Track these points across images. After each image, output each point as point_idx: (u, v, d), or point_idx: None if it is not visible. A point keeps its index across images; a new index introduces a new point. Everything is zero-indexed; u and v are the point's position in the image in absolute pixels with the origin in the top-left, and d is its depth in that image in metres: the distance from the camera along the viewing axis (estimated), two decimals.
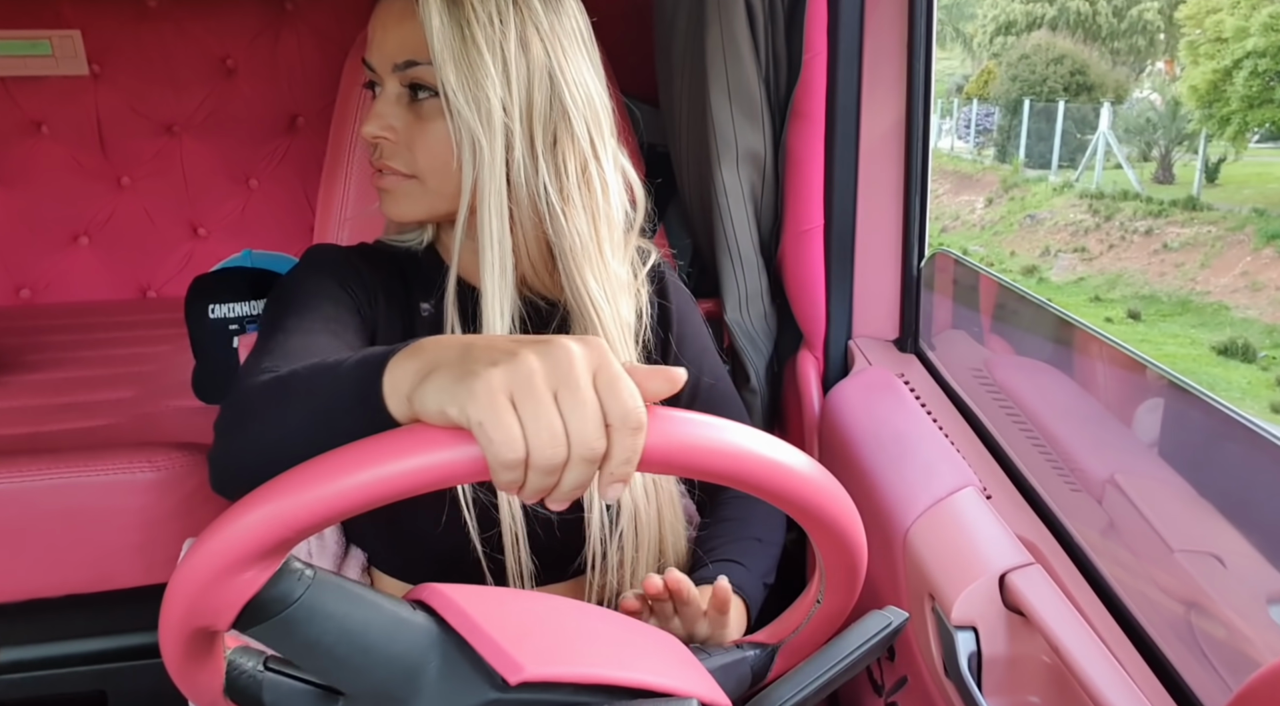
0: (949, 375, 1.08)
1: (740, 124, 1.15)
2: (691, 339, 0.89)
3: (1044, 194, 14.27)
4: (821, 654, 0.54)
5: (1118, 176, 13.79)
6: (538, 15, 0.70)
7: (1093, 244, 12.46)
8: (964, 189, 16.32)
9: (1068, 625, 0.67)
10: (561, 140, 0.71)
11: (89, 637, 1.25)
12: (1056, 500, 0.82)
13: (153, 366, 1.62)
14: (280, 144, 1.92)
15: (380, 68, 0.72)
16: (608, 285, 0.74)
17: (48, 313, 1.88)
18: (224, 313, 1.47)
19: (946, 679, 0.71)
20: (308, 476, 0.39)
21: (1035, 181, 14.92)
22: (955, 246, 13.70)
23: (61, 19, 1.77)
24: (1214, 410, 0.68)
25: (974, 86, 20.45)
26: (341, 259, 0.78)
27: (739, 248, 1.18)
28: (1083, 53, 17.93)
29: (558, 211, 0.71)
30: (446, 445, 0.39)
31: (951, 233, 15.30)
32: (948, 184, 16.92)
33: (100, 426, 1.39)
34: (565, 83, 0.71)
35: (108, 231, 1.93)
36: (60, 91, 1.81)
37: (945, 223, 15.81)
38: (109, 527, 1.20)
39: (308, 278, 0.75)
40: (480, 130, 0.68)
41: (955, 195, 16.36)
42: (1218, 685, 0.60)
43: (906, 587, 0.80)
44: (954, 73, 25.74)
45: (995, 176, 15.91)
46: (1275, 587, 0.61)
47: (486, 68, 0.67)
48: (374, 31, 0.73)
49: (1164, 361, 1.02)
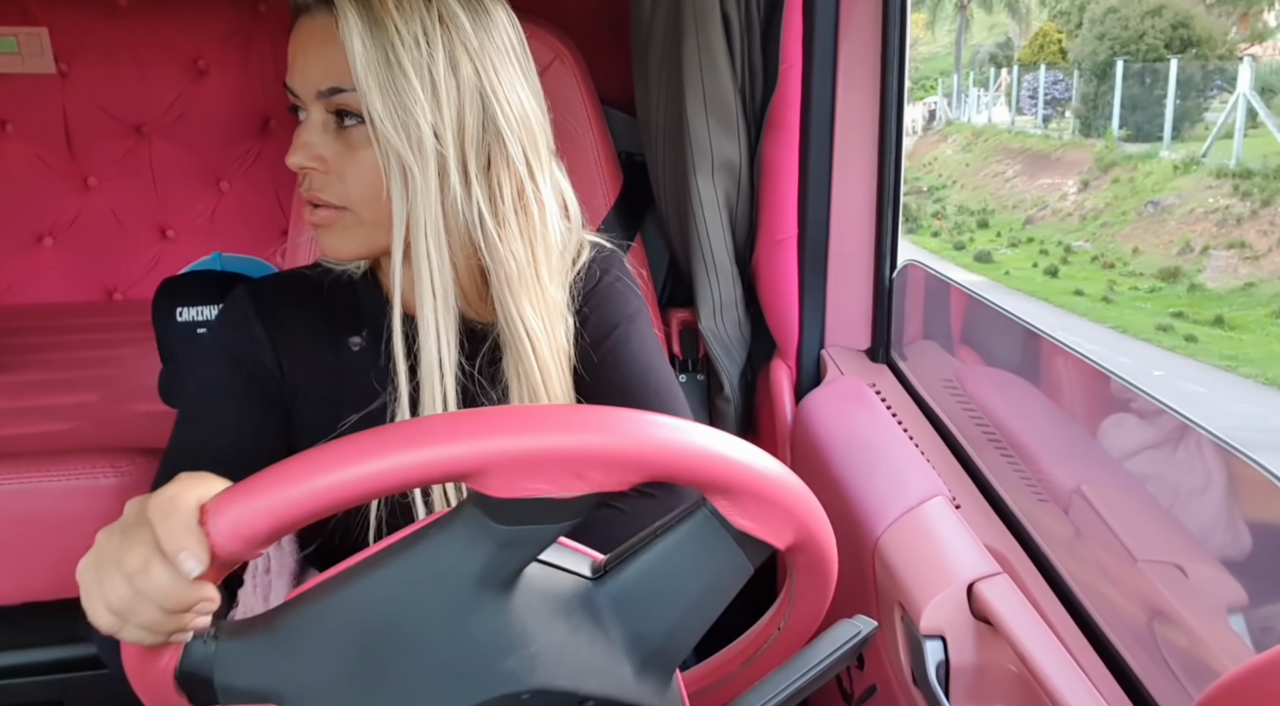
0: (920, 385, 1.09)
1: (716, 134, 1.15)
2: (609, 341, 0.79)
3: (1162, 173, 11.36)
4: (791, 662, 0.54)
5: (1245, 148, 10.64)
6: (466, 33, 0.66)
7: (1253, 236, 9.54)
8: (1042, 170, 13.57)
9: (1034, 634, 0.68)
10: (496, 163, 0.68)
11: (48, 646, 1.22)
12: (1023, 510, 0.83)
13: (118, 369, 1.60)
14: (252, 146, 1.90)
15: (303, 93, 0.68)
16: (544, 311, 0.71)
17: (10, 314, 1.84)
18: (192, 315, 1.45)
19: (915, 687, 0.71)
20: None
21: (1142, 158, 11.99)
22: (1049, 242, 11.68)
23: (29, 16, 1.74)
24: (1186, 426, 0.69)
25: (1028, 51, 18.40)
26: (242, 328, 0.76)
27: (714, 256, 1.19)
28: (1183, 2, 14.33)
29: (494, 238, 0.68)
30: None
31: (1040, 225, 12.48)
32: (1017, 165, 14.35)
33: (63, 430, 1.36)
34: (498, 102, 0.67)
35: (73, 232, 1.89)
36: (26, 90, 1.78)
37: (1029, 212, 13.09)
38: (70, 534, 1.18)
39: (204, 367, 0.76)
40: (411, 158, 0.65)
41: (1031, 178, 13.67)
42: (1177, 690, 0.61)
43: (876, 596, 0.80)
44: (983, 42, 23.91)
45: (1081, 154, 13.04)
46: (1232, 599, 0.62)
47: (414, 93, 0.64)
48: (294, 55, 0.68)
49: None
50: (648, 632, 0.49)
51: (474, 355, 0.74)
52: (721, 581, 0.50)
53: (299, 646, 0.45)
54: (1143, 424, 0.77)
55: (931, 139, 20.72)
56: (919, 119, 23.38)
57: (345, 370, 0.76)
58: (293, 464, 0.41)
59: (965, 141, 18.15)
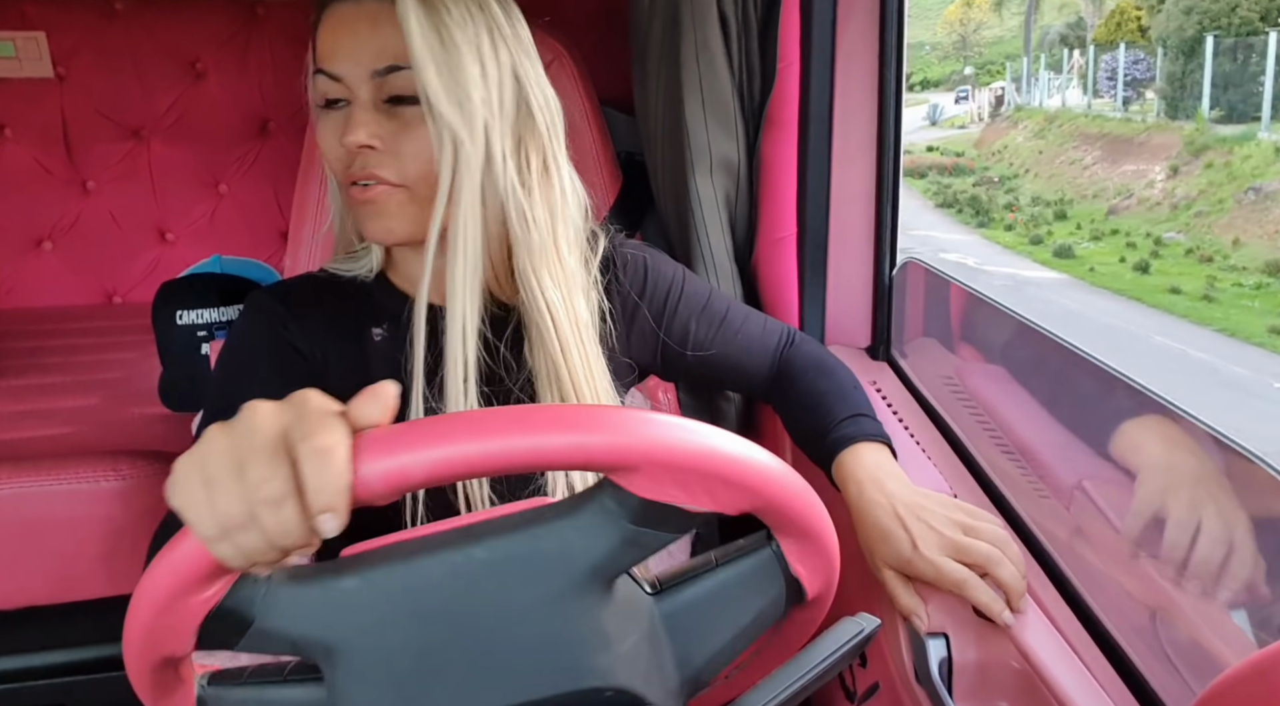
0: (920, 383, 1.09)
1: (714, 132, 1.15)
2: (671, 303, 0.88)
3: (1262, 156, 10.39)
4: (794, 661, 0.54)
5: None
6: (499, 19, 0.71)
7: None
8: (1124, 156, 12.57)
9: (1037, 631, 0.68)
10: (524, 139, 0.73)
11: (50, 650, 1.22)
12: (1025, 506, 0.83)
13: (119, 373, 1.60)
14: (251, 148, 1.90)
15: (352, 75, 0.69)
16: (563, 282, 0.74)
17: (10, 318, 1.84)
18: (192, 319, 1.45)
19: (918, 685, 0.71)
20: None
21: (1238, 140, 11.03)
22: (1137, 234, 10.64)
23: (26, 20, 1.74)
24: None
25: (1103, 30, 17.41)
26: (274, 312, 0.78)
27: (713, 255, 1.19)
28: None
29: (523, 207, 0.72)
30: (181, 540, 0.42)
31: (1125, 215, 11.45)
32: (1096, 150, 13.36)
33: (64, 434, 1.36)
34: (528, 83, 0.72)
35: (73, 236, 1.89)
36: (24, 94, 1.78)
37: (1112, 201, 12.06)
38: (72, 537, 1.18)
39: (244, 343, 0.77)
40: (464, 133, 0.67)
41: (1113, 165, 12.72)
42: (1178, 684, 0.61)
43: (879, 594, 0.80)
44: (1053, 23, 22.97)
45: (1168, 137, 12.07)
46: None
47: (467, 68, 0.67)
48: (336, 40, 0.69)
49: None
50: (692, 655, 0.50)
51: (499, 335, 0.77)
52: (762, 619, 0.52)
53: (362, 603, 0.44)
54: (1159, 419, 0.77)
55: (1000, 126, 19.77)
56: (985, 105, 22.46)
57: (371, 358, 0.78)
58: (455, 423, 0.41)
59: (1037, 127, 17.08)
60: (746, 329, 0.92)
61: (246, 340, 0.78)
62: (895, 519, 0.72)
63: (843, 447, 0.79)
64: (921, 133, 26.74)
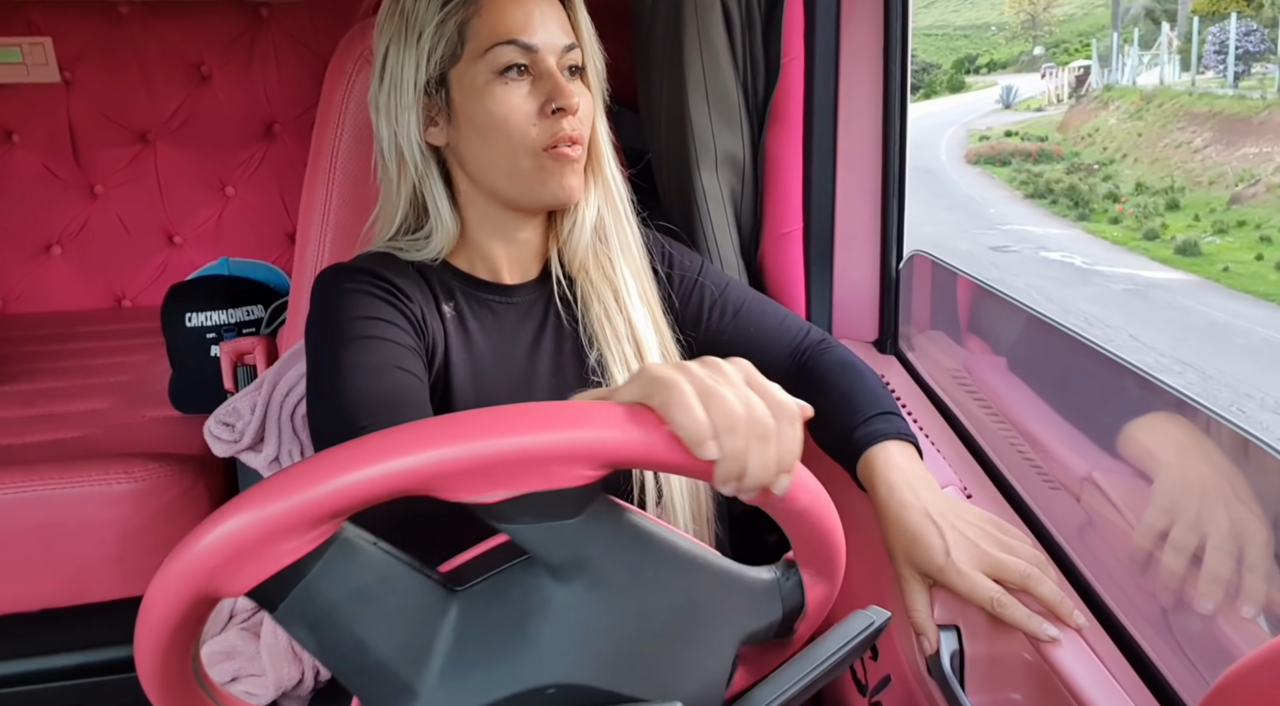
0: (928, 376, 1.09)
1: (719, 128, 1.15)
2: (687, 287, 0.94)
3: None
4: (805, 654, 0.54)
5: None
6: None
7: None
8: (1241, 137, 11.15)
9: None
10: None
11: (65, 652, 1.23)
12: (1035, 498, 0.83)
13: (129, 376, 1.61)
14: (257, 151, 1.91)
15: (546, 47, 0.78)
16: (630, 262, 0.87)
17: (20, 322, 1.86)
18: (201, 321, 1.45)
19: (929, 677, 0.71)
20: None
21: None
22: (1269, 226, 9.08)
23: (32, 26, 1.75)
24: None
25: (1203, 1, 15.77)
26: (374, 273, 0.78)
27: (719, 251, 1.19)
28: None
29: (617, 171, 0.86)
30: (637, 421, 0.43)
31: (1249, 204, 9.89)
32: (1206, 132, 11.93)
33: (75, 438, 1.37)
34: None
35: (81, 240, 1.90)
36: (31, 99, 1.79)
37: (1233, 188, 10.56)
38: (85, 540, 1.19)
39: (352, 303, 0.75)
40: (603, 99, 0.83)
41: (1229, 147, 11.21)
42: (1191, 673, 0.61)
43: (889, 587, 0.80)
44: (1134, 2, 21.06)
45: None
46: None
47: (597, 45, 0.83)
48: (532, 15, 0.78)
49: None
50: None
51: (569, 314, 0.86)
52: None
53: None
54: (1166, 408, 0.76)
55: (1088, 107, 18.22)
56: (1064, 86, 20.50)
57: (448, 335, 0.81)
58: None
59: (1133, 108, 15.62)
60: (762, 322, 0.93)
61: (344, 299, 0.75)
62: (929, 523, 0.70)
63: (872, 444, 0.77)
64: (995, 116, 25.18)
